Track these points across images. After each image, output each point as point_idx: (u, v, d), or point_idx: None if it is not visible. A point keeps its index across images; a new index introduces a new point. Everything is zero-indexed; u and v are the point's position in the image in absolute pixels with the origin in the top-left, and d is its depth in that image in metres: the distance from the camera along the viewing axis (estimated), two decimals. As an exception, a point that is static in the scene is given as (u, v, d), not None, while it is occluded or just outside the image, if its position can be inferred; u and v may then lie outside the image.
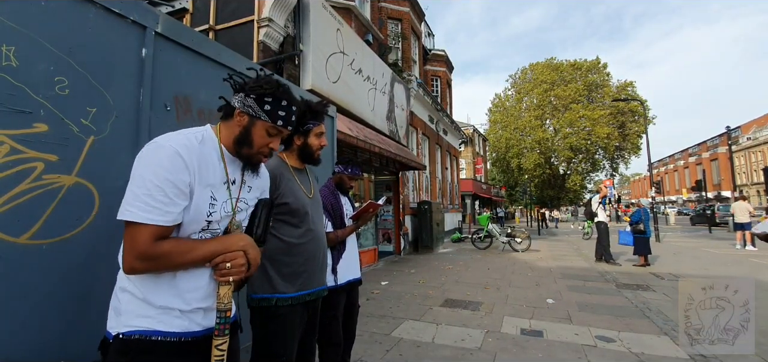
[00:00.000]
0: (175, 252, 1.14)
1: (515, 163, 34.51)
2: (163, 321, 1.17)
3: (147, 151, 1.14)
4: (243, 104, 1.29)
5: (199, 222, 1.20)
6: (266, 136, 1.33)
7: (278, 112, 1.32)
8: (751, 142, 49.61)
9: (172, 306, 1.18)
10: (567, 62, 33.71)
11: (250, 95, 1.29)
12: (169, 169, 1.11)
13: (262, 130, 1.31)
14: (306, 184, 1.97)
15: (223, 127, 1.33)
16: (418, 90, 14.03)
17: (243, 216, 1.37)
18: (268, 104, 1.30)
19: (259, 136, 1.31)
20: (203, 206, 1.20)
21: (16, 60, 1.65)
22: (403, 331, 4.51)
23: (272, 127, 1.32)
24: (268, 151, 1.35)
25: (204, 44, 2.77)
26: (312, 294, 1.93)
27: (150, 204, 1.08)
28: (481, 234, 13.66)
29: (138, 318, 1.14)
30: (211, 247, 1.20)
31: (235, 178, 1.33)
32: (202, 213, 1.20)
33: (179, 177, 1.12)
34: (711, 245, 13.92)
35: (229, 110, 1.32)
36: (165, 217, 1.10)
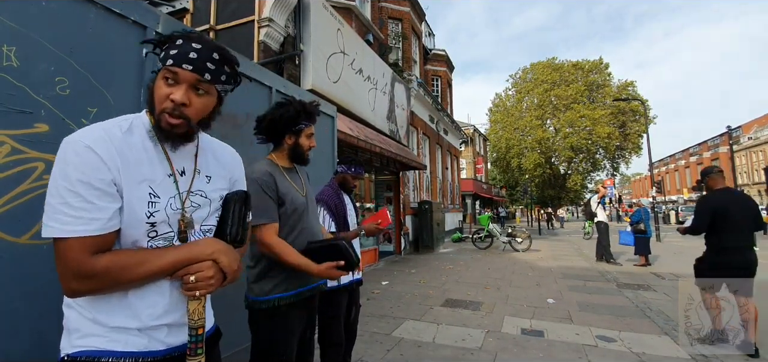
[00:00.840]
0: (120, 267, 0.94)
1: (516, 163, 34.48)
2: (117, 340, 0.99)
3: (59, 152, 0.93)
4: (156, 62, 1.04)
5: (137, 226, 0.99)
6: (163, 85, 1.02)
7: (170, 51, 1.02)
8: (752, 142, 49.52)
9: (128, 325, 1.00)
10: (568, 62, 33.69)
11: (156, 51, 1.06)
12: (80, 168, 0.90)
13: (159, 82, 1.03)
14: (298, 183, 1.98)
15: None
16: (418, 90, 14.03)
17: (204, 213, 1.14)
18: (164, 52, 1.04)
19: (158, 89, 1.02)
20: (139, 206, 0.98)
21: (16, 60, 1.65)
22: (403, 331, 4.51)
23: (166, 71, 1.01)
24: (171, 106, 1.01)
25: (204, 44, 2.78)
26: (310, 290, 1.93)
27: (69, 213, 0.89)
28: (482, 234, 13.66)
29: (88, 337, 0.98)
30: (170, 258, 1.00)
31: (183, 167, 1.10)
32: (139, 215, 0.98)
33: (95, 175, 0.91)
34: (712, 245, 13.89)
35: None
36: (90, 225, 0.90)
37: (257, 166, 1.87)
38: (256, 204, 1.77)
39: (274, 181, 1.82)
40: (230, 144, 3.17)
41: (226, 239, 1.13)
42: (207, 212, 1.15)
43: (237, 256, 1.12)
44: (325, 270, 1.76)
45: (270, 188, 1.80)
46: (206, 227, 1.15)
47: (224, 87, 1.13)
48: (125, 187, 0.96)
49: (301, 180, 2.03)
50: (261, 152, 3.27)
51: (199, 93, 1.05)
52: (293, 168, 2.02)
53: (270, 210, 1.79)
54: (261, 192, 1.78)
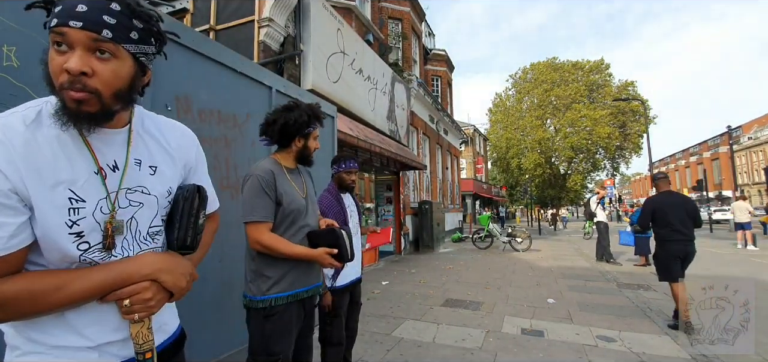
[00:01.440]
0: (31, 295, 0.78)
1: (516, 163, 34.47)
2: (62, 357, 0.84)
3: None
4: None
5: (59, 239, 0.81)
6: (55, 54, 0.80)
7: (55, 9, 0.79)
8: (752, 142, 49.53)
9: (70, 344, 0.85)
10: (569, 62, 33.68)
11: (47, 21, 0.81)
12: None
13: (51, 51, 0.81)
14: (299, 184, 1.99)
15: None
16: (418, 90, 14.03)
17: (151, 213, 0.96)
18: (50, 17, 0.80)
19: (51, 61, 0.80)
20: (57, 215, 0.80)
21: (17, 60, 1.65)
22: (403, 331, 4.51)
23: (54, 34, 0.79)
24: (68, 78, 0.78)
25: (204, 44, 2.78)
26: (308, 291, 1.94)
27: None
28: (482, 234, 13.66)
29: (29, 355, 0.84)
30: (94, 281, 0.83)
31: (114, 159, 0.90)
32: (57, 226, 0.80)
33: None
34: (712, 245, 13.90)
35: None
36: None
37: (260, 164, 1.89)
38: (253, 201, 1.78)
39: (275, 180, 1.83)
40: (231, 144, 3.17)
41: (172, 245, 0.99)
42: (154, 211, 0.96)
43: (186, 269, 0.96)
44: (319, 255, 1.85)
45: (269, 186, 1.80)
46: (155, 229, 0.97)
47: (139, 48, 0.86)
48: (34, 195, 0.78)
49: (302, 181, 2.04)
50: (262, 152, 3.28)
51: (104, 55, 0.81)
52: (296, 169, 2.04)
53: (266, 208, 1.79)
54: (259, 189, 1.78)
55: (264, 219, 1.79)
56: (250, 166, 3.05)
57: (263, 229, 1.78)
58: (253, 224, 1.78)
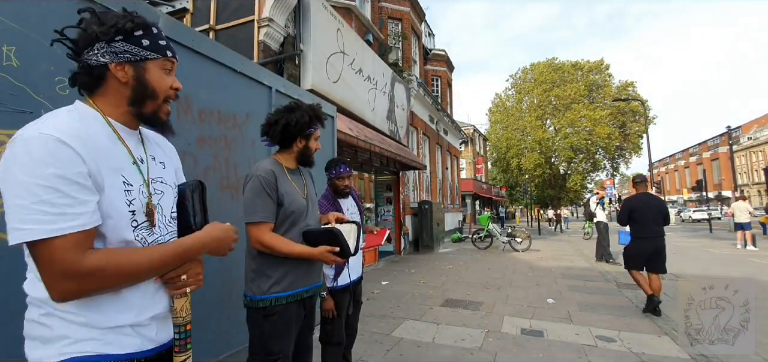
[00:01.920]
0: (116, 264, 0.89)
1: (515, 163, 34.48)
2: (112, 342, 0.94)
3: (16, 150, 0.84)
4: (114, 54, 0.97)
5: (121, 218, 0.94)
6: (165, 74, 1.05)
7: (159, 42, 1.04)
8: (751, 142, 49.56)
9: (123, 322, 0.96)
10: (568, 62, 33.68)
11: (116, 38, 0.97)
12: (53, 163, 0.82)
13: (157, 70, 1.03)
14: (300, 184, 1.99)
15: (100, 100, 1.01)
16: (418, 90, 14.03)
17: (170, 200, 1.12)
18: (144, 39, 1.01)
19: (158, 79, 1.03)
20: (119, 196, 0.94)
21: (16, 60, 1.65)
22: (403, 331, 4.51)
23: (166, 61, 1.05)
24: (175, 94, 1.08)
25: (204, 44, 2.78)
26: (308, 291, 1.94)
27: (49, 212, 0.81)
28: (482, 234, 13.66)
29: (80, 343, 0.91)
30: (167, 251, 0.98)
31: (140, 155, 1.06)
32: (120, 206, 0.94)
33: (71, 169, 0.84)
34: (711, 245, 13.90)
35: (94, 76, 0.99)
36: (76, 221, 0.84)
37: (262, 164, 1.89)
38: (254, 201, 1.79)
39: (276, 180, 1.83)
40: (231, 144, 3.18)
41: (191, 229, 1.13)
42: (171, 199, 1.13)
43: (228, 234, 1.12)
44: (320, 253, 1.83)
45: (271, 187, 1.80)
46: (173, 214, 1.13)
47: None
48: (105, 177, 0.92)
49: (303, 181, 2.04)
50: (262, 152, 3.28)
51: None
52: (297, 169, 2.04)
53: (267, 208, 1.79)
54: (260, 189, 1.79)
55: (265, 219, 1.79)
56: (250, 166, 3.04)
57: (264, 229, 1.78)
58: (255, 224, 1.78)
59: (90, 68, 0.97)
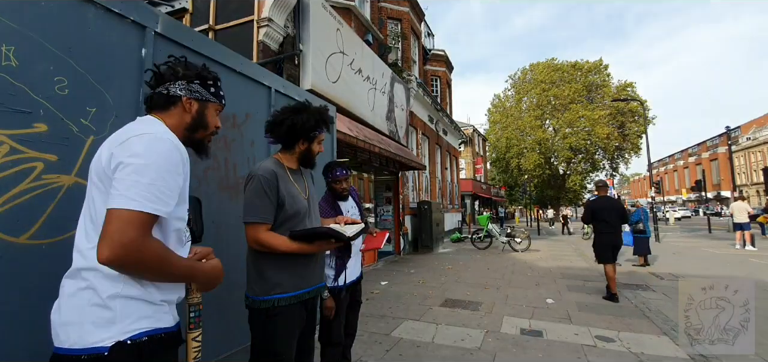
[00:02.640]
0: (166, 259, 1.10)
1: (515, 163, 34.48)
2: (161, 318, 1.15)
3: (146, 140, 1.10)
4: (189, 91, 1.31)
5: (180, 223, 1.22)
6: (216, 116, 1.42)
7: (220, 92, 1.42)
8: (750, 142, 49.63)
9: (169, 298, 1.20)
10: (568, 63, 33.69)
11: (194, 81, 1.33)
12: (171, 160, 1.11)
13: (213, 112, 1.40)
14: (301, 185, 1.98)
15: (164, 118, 1.28)
16: (417, 90, 14.03)
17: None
18: (212, 87, 1.38)
19: (212, 117, 1.39)
20: (186, 194, 1.23)
21: (15, 60, 1.65)
22: (402, 331, 4.51)
23: (219, 106, 1.42)
24: (217, 131, 1.44)
25: (204, 44, 2.78)
26: (310, 291, 1.93)
27: (154, 193, 1.05)
28: (481, 234, 13.66)
29: (140, 320, 1.09)
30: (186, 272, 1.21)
31: None
32: (183, 212, 1.23)
33: (179, 169, 1.14)
34: (711, 245, 13.92)
35: (167, 100, 1.29)
36: (166, 207, 1.09)
37: (263, 164, 1.88)
38: (253, 201, 1.78)
39: (277, 182, 1.82)
40: (230, 145, 3.17)
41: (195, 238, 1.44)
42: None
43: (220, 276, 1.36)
44: (319, 246, 1.84)
45: (271, 187, 1.80)
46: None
47: None
48: (183, 191, 1.19)
49: (305, 182, 2.03)
50: (261, 152, 3.27)
51: None
52: (299, 169, 2.03)
53: (265, 209, 1.78)
54: (261, 190, 1.78)
55: (263, 220, 1.78)
56: (249, 166, 3.04)
57: (261, 229, 1.77)
58: (252, 225, 1.78)
59: (169, 96, 1.29)
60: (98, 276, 1.06)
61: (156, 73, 1.32)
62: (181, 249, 1.24)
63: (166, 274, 1.13)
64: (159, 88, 1.30)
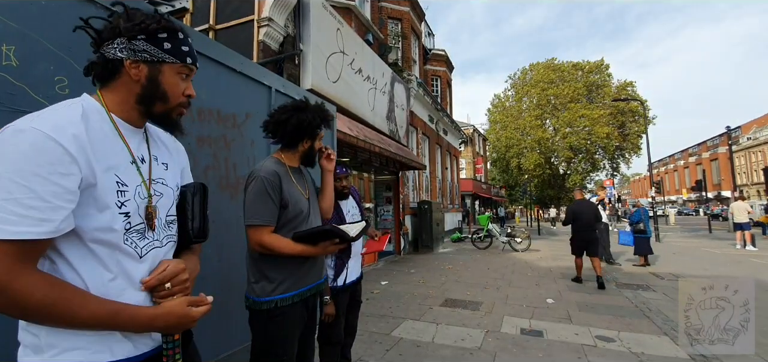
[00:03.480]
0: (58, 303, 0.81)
1: (515, 163, 34.48)
2: (101, 350, 0.90)
3: (2, 140, 0.79)
4: (132, 52, 0.97)
5: (112, 219, 0.90)
6: (180, 80, 1.05)
7: (182, 47, 1.04)
8: (751, 142, 49.58)
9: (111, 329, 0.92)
10: (569, 63, 33.68)
11: (138, 37, 0.98)
12: (38, 159, 0.78)
13: (172, 75, 1.03)
14: (302, 184, 1.96)
15: (108, 94, 1.00)
16: (418, 90, 14.03)
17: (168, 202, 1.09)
18: (166, 42, 1.01)
19: (172, 84, 1.03)
20: (109, 197, 0.90)
21: (16, 59, 1.65)
22: (402, 331, 4.51)
23: (183, 67, 1.05)
24: (188, 100, 1.08)
25: (204, 44, 2.78)
26: (311, 289, 1.92)
27: (15, 212, 0.76)
28: (481, 234, 13.66)
29: (66, 352, 0.86)
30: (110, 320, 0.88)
31: (142, 154, 1.03)
32: (110, 205, 0.90)
33: (58, 167, 0.80)
34: (711, 245, 13.91)
35: (109, 69, 0.99)
36: (40, 226, 0.78)
37: (265, 164, 1.85)
38: (256, 203, 1.75)
39: (280, 182, 1.80)
40: (230, 144, 3.17)
41: (188, 235, 1.13)
42: (171, 201, 1.10)
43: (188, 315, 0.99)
44: (323, 247, 1.81)
45: (274, 188, 1.77)
46: (170, 218, 1.10)
47: None
48: (98, 175, 0.88)
49: (305, 181, 2.01)
50: (261, 152, 3.27)
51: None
52: (299, 168, 2.01)
53: (269, 211, 1.76)
54: (263, 192, 1.75)
55: (266, 223, 1.75)
56: (249, 165, 3.04)
57: (264, 232, 1.75)
58: (255, 227, 1.75)
59: (106, 61, 0.98)
60: None
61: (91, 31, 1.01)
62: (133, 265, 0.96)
63: (66, 321, 0.83)
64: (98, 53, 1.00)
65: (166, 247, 1.07)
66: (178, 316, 0.97)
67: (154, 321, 0.94)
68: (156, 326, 0.95)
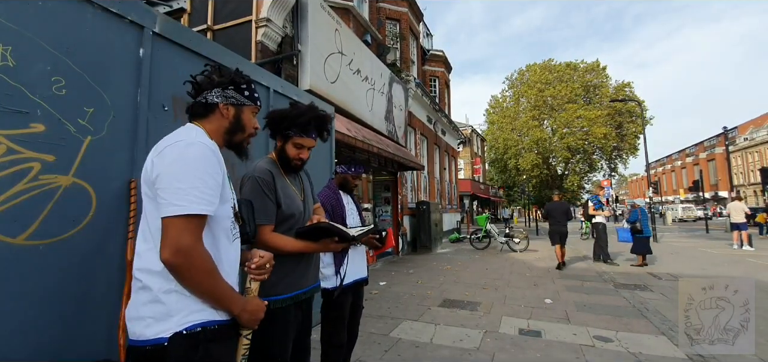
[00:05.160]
0: (213, 274, 1.18)
1: (513, 164, 34.54)
2: (216, 311, 1.23)
3: (179, 148, 1.18)
4: (224, 97, 1.38)
5: (226, 220, 1.30)
6: (253, 118, 1.47)
7: (255, 94, 1.47)
8: (748, 143, 49.77)
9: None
10: (564, 63, 33.76)
11: (228, 87, 1.39)
12: (206, 162, 1.18)
13: (249, 114, 1.46)
14: (297, 186, 1.95)
15: (205, 125, 1.37)
16: (416, 90, 14.03)
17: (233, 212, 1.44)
18: (246, 90, 1.44)
19: (248, 120, 1.45)
20: (227, 193, 1.30)
21: (13, 60, 1.64)
22: (401, 331, 4.51)
23: (256, 109, 1.48)
24: (255, 132, 1.49)
25: (202, 44, 2.77)
26: (306, 292, 1.91)
27: (197, 195, 1.13)
28: (480, 235, 13.67)
29: (195, 313, 1.18)
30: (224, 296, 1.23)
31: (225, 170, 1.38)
32: (228, 201, 1.31)
33: (215, 170, 1.21)
34: (708, 245, 13.96)
35: (205, 108, 1.37)
36: (210, 207, 1.17)
37: (258, 164, 1.85)
38: (254, 203, 1.75)
39: (274, 181, 1.79)
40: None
41: (246, 236, 1.50)
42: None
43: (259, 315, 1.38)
44: (324, 244, 1.82)
45: (269, 187, 1.77)
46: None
47: None
48: (223, 187, 1.26)
49: (301, 183, 1.99)
50: (260, 152, 3.26)
51: None
52: None
53: (267, 211, 1.76)
54: (260, 191, 1.75)
55: (266, 222, 1.75)
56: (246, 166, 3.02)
57: (266, 231, 1.75)
58: (257, 227, 1.73)
59: (207, 104, 1.37)
60: (151, 275, 1.17)
61: (193, 83, 1.40)
62: (229, 245, 1.32)
63: (208, 290, 1.18)
64: (198, 97, 1.39)
65: (238, 239, 1.42)
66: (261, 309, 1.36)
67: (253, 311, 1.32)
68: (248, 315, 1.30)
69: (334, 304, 2.54)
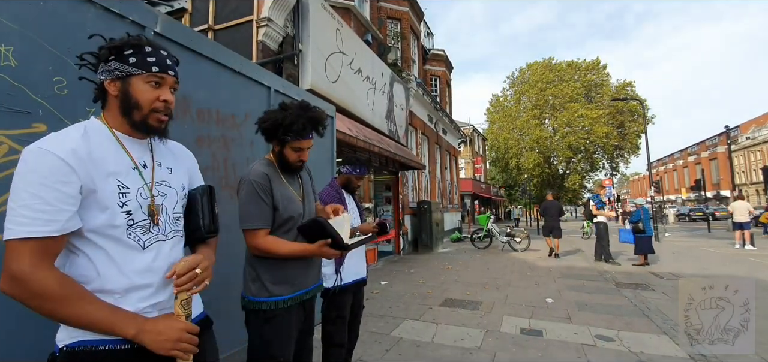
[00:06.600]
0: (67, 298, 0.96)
1: (514, 163, 34.49)
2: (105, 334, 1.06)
3: (21, 160, 0.98)
4: (108, 72, 1.11)
5: (113, 216, 1.05)
6: (150, 88, 1.13)
7: (148, 59, 1.13)
8: (750, 142, 49.63)
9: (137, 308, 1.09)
10: (565, 62, 33.70)
11: (109, 59, 1.12)
12: (42, 172, 0.95)
13: (141, 84, 1.12)
14: (296, 187, 1.93)
15: (108, 113, 1.15)
16: (417, 89, 14.03)
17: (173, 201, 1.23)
18: (131, 57, 1.11)
19: (142, 92, 1.12)
20: (111, 198, 1.05)
21: (14, 60, 1.64)
22: (402, 331, 4.51)
23: (151, 76, 1.12)
24: (163, 106, 1.15)
25: (203, 44, 2.78)
26: (308, 292, 1.91)
27: (28, 216, 0.93)
28: (481, 234, 13.66)
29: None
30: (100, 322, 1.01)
31: (144, 161, 1.18)
32: (113, 207, 1.05)
33: (59, 177, 0.96)
34: (710, 244, 13.93)
35: (100, 94, 1.16)
36: (49, 226, 0.94)
37: (255, 167, 1.83)
38: (248, 207, 1.74)
39: (270, 184, 1.78)
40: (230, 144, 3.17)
41: (201, 231, 1.28)
42: (175, 201, 1.24)
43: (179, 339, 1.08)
44: (319, 248, 1.75)
45: (265, 191, 1.76)
46: (177, 214, 1.24)
47: None
48: (98, 183, 1.03)
49: (300, 183, 1.97)
50: (260, 152, 3.27)
51: (173, 92, 1.20)
52: None
53: (263, 214, 1.75)
54: (255, 195, 1.74)
55: (262, 226, 1.74)
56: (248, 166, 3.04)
57: (261, 235, 1.74)
58: (251, 231, 1.74)
59: (99, 86, 1.15)
60: None
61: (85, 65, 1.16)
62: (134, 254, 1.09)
63: (67, 317, 0.98)
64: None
65: (171, 241, 1.19)
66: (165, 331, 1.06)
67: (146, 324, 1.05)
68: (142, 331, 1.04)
69: (335, 304, 2.56)
